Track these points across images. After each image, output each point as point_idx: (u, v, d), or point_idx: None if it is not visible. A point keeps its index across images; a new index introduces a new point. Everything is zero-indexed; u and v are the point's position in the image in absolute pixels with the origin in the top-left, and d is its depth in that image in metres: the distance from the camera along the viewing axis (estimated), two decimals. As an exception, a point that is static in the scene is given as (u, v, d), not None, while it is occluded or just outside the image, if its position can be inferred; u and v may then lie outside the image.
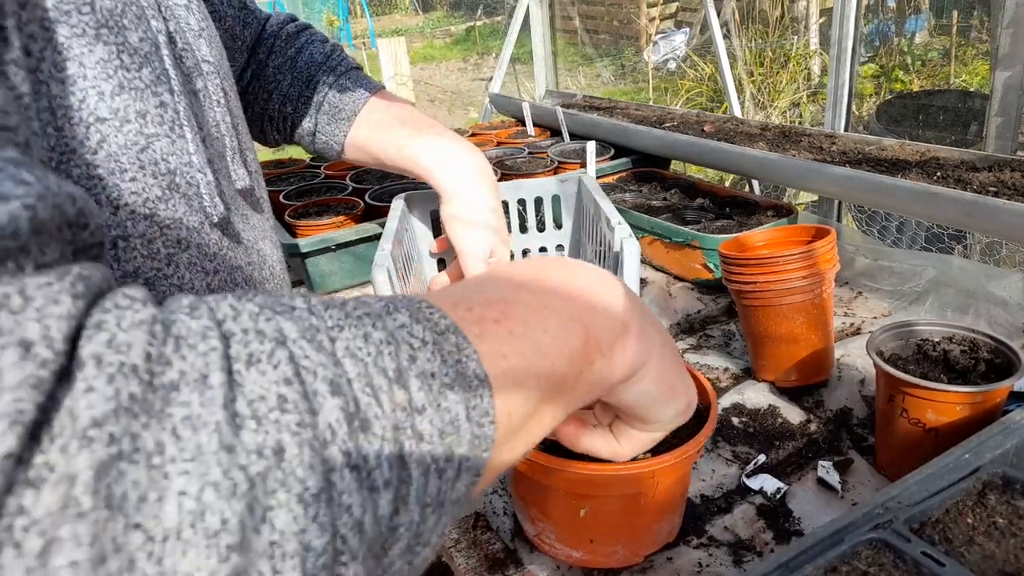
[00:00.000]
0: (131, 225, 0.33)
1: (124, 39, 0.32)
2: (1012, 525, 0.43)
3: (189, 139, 0.36)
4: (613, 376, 0.33)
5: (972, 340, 0.64)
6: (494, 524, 0.63)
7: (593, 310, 0.32)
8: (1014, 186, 0.91)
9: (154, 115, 0.34)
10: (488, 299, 0.29)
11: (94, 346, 0.17)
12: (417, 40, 8.93)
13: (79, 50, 0.30)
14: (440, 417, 0.23)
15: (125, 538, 0.16)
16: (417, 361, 0.24)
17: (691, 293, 1.02)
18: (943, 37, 3.83)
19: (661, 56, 5.24)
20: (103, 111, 0.31)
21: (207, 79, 0.41)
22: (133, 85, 0.32)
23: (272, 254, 0.47)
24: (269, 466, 0.19)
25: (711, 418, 0.51)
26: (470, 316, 0.27)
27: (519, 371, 0.27)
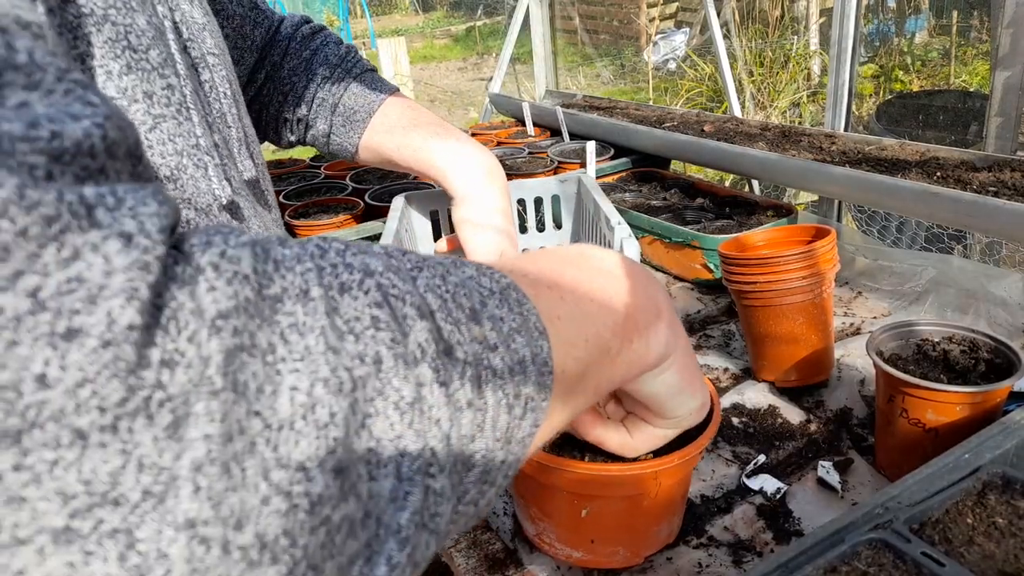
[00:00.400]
0: None
1: (132, 20, 0.33)
2: (1012, 525, 0.43)
3: (196, 122, 0.36)
4: (647, 358, 0.34)
5: (972, 340, 0.64)
6: (494, 524, 0.63)
7: (632, 291, 0.34)
8: (1014, 186, 0.91)
9: (161, 96, 0.34)
10: (539, 268, 0.31)
11: (210, 256, 0.19)
12: (417, 40, 8.93)
13: (87, 29, 0.30)
14: (510, 356, 0.25)
15: (248, 422, 0.17)
16: (487, 305, 0.25)
17: (691, 293, 1.02)
18: (943, 37, 3.84)
19: (661, 56, 5.24)
20: (111, 90, 0.31)
21: (213, 71, 0.42)
22: (140, 66, 0.33)
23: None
24: (369, 372, 0.20)
25: (714, 419, 0.51)
26: (525, 280, 0.29)
27: (570, 333, 0.29)
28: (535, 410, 0.26)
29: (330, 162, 1.44)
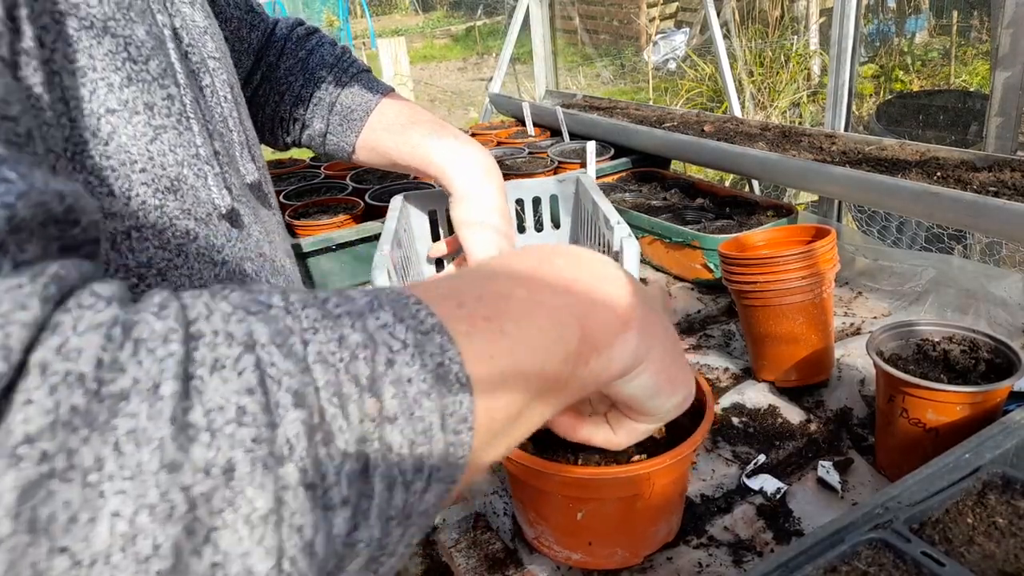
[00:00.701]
0: (143, 215, 0.33)
1: (131, 32, 0.32)
2: (1012, 525, 0.43)
3: (196, 131, 0.36)
4: (610, 373, 0.33)
5: (972, 340, 0.64)
6: (494, 524, 0.63)
7: (593, 305, 0.32)
8: (1014, 186, 0.91)
9: (161, 107, 0.34)
10: (481, 294, 0.28)
11: (43, 352, 0.17)
12: (417, 40, 8.93)
13: (88, 42, 0.30)
14: (412, 427, 0.23)
15: (48, 563, 0.16)
16: (395, 365, 0.23)
17: (691, 293, 1.02)
18: (943, 37, 3.84)
19: (661, 56, 5.24)
20: (113, 102, 0.31)
21: (214, 75, 0.41)
22: (140, 77, 0.33)
23: (280, 247, 0.48)
24: (216, 485, 0.18)
25: (707, 418, 0.51)
26: (460, 313, 0.26)
27: (507, 372, 0.27)
28: (442, 480, 0.24)
29: (330, 162, 1.44)
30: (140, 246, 0.33)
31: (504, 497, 0.66)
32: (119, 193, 0.32)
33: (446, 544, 0.62)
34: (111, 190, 0.31)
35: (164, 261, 0.34)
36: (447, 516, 0.65)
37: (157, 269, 0.34)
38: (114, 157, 0.31)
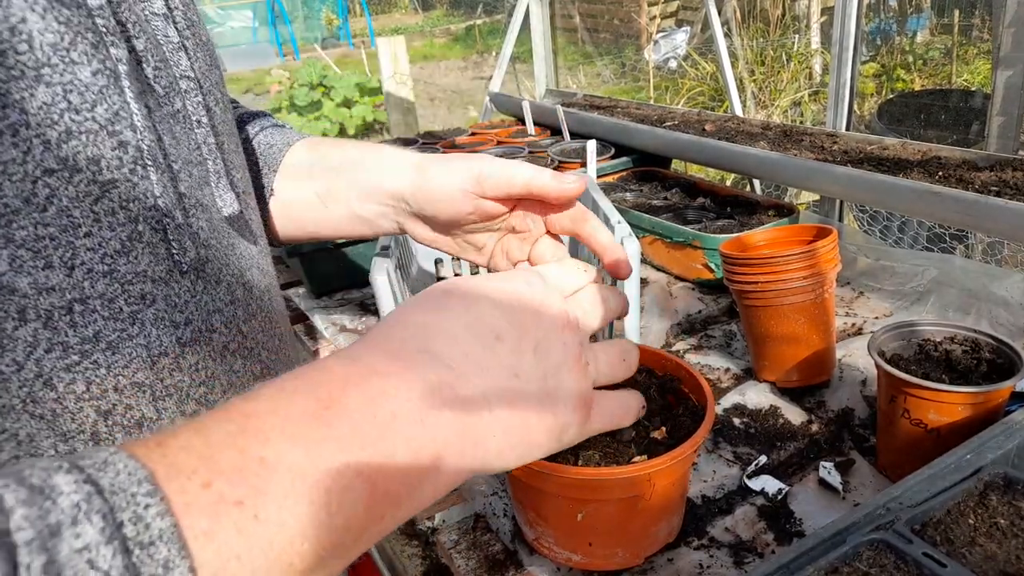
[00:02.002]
0: (88, 285, 0.30)
1: (73, 76, 0.29)
2: (1014, 526, 0.43)
3: (154, 180, 0.32)
4: (422, 506, 0.29)
5: (974, 340, 0.64)
6: (494, 525, 0.63)
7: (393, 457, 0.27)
8: (1016, 185, 0.91)
9: (111, 158, 0.30)
10: (241, 464, 0.23)
11: None
12: (417, 39, 8.93)
13: (18, 95, 0.27)
14: None
15: None
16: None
17: (692, 293, 1.02)
18: (945, 36, 3.83)
19: (662, 55, 5.24)
20: (50, 162, 0.28)
21: (186, 97, 0.37)
22: (84, 128, 0.29)
23: (260, 283, 0.43)
24: None
25: (707, 419, 0.51)
26: (205, 499, 0.22)
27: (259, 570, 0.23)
28: None
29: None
30: (85, 320, 0.30)
31: (504, 498, 0.66)
32: (58, 264, 0.29)
33: (446, 545, 0.62)
34: (48, 262, 0.28)
35: (116, 332, 0.31)
36: (447, 517, 0.65)
37: (107, 343, 0.31)
38: (53, 224, 0.28)
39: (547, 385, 0.34)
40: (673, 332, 0.93)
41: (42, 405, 0.29)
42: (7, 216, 0.27)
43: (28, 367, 0.29)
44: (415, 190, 0.49)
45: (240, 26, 9.73)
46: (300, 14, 9.80)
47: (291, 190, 0.54)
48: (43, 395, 0.29)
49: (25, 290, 0.28)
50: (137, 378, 0.32)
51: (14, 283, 0.27)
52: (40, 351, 0.29)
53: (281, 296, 0.48)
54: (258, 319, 0.42)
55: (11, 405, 0.28)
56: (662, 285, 1.05)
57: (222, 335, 0.37)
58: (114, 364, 0.31)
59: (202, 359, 0.35)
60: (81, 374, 0.30)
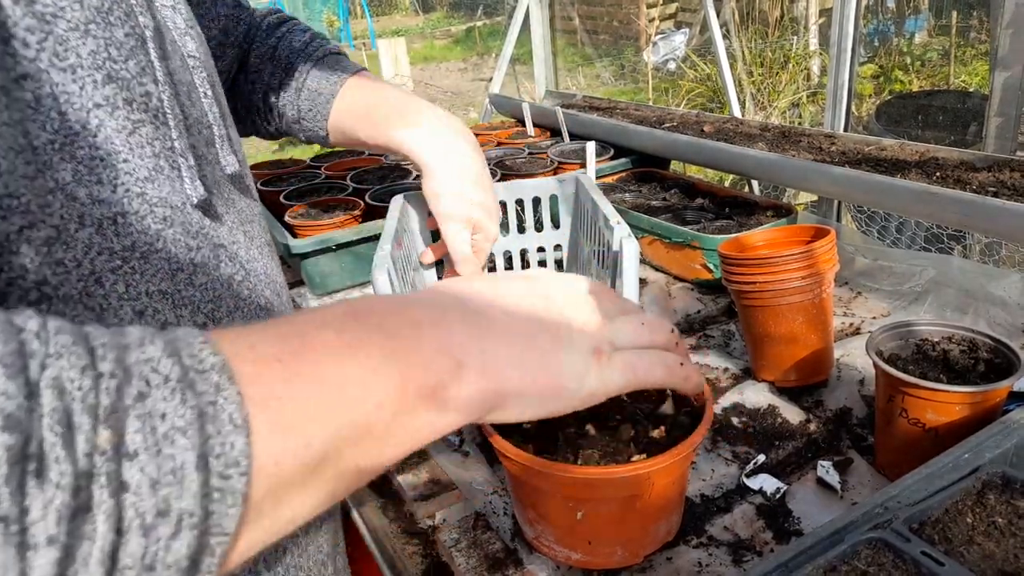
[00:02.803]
0: (127, 202, 0.35)
1: (111, 34, 0.34)
2: (1012, 525, 0.43)
3: (172, 126, 0.38)
4: (448, 419, 0.32)
5: (971, 340, 0.64)
6: (494, 524, 0.63)
7: (418, 350, 0.31)
8: (1013, 186, 0.91)
9: (139, 103, 0.36)
10: (281, 334, 0.27)
11: None
12: (417, 41, 8.93)
13: (75, 42, 0.32)
14: (156, 465, 0.21)
15: None
16: (147, 399, 0.22)
17: (691, 293, 1.02)
18: (942, 37, 3.84)
19: (661, 56, 5.25)
20: (98, 97, 0.33)
21: (194, 73, 0.43)
22: (120, 75, 0.35)
23: (259, 236, 0.49)
24: None
25: (706, 418, 0.51)
26: (249, 354, 0.25)
27: (298, 416, 0.25)
28: (197, 526, 0.22)
29: (331, 163, 1.44)
30: (125, 231, 0.35)
31: (504, 497, 0.66)
32: (106, 181, 0.34)
33: (446, 544, 0.62)
34: (99, 178, 0.33)
35: (145, 245, 0.36)
36: (447, 516, 0.65)
37: (140, 252, 0.36)
38: (102, 147, 0.33)
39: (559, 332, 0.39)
40: (672, 332, 0.93)
41: (93, 299, 0.34)
42: (71, 136, 0.32)
43: (84, 264, 0.33)
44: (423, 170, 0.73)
45: (240, 28, 9.70)
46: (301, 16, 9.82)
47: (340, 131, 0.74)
48: (94, 290, 0.34)
49: (83, 199, 0.33)
50: (162, 287, 0.37)
51: (75, 192, 0.32)
52: (94, 252, 0.33)
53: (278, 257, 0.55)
54: (260, 263, 0.47)
55: (70, 295, 0.33)
56: (661, 285, 1.06)
57: (227, 266, 0.43)
58: (145, 271, 0.36)
59: (211, 281, 0.41)
60: (121, 277, 0.35)
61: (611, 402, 0.57)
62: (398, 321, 0.32)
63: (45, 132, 0.31)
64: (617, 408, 0.57)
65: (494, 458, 0.71)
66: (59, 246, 0.32)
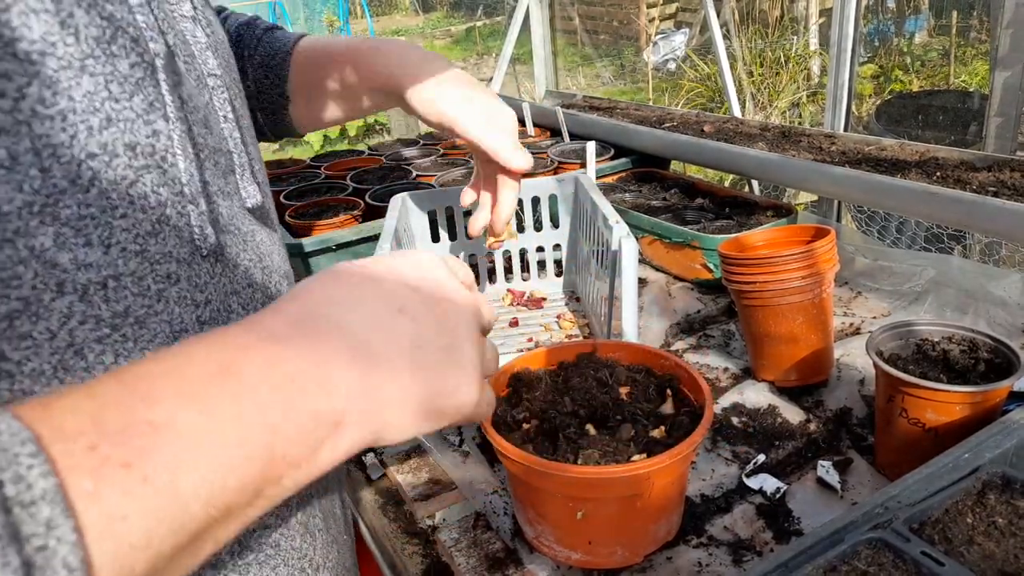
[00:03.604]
0: (122, 263, 0.31)
1: (113, 68, 0.31)
2: (1012, 525, 0.43)
3: (182, 168, 0.34)
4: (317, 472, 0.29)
5: (971, 340, 0.64)
6: (494, 524, 0.63)
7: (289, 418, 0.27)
8: (1013, 186, 0.91)
9: (144, 146, 0.32)
10: (129, 423, 0.23)
11: None
12: (417, 40, 8.93)
13: (67, 83, 0.29)
14: None
15: None
16: None
17: (691, 293, 1.02)
18: (942, 37, 3.84)
19: (661, 56, 5.25)
20: (93, 147, 0.30)
21: (213, 93, 0.40)
22: (122, 116, 0.31)
23: (279, 269, 0.46)
24: None
25: (706, 417, 0.51)
26: (91, 459, 0.22)
27: (147, 531, 0.23)
28: None
29: (331, 162, 1.44)
30: (117, 296, 0.31)
31: (504, 496, 0.66)
32: (96, 242, 0.30)
33: (446, 543, 0.62)
34: (88, 240, 0.30)
35: (143, 308, 0.33)
36: (447, 516, 0.65)
37: (135, 318, 0.32)
38: (94, 204, 0.30)
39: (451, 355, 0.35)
40: (672, 332, 0.93)
41: (72, 373, 0.30)
42: (55, 195, 0.28)
43: (61, 336, 0.30)
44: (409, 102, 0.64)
45: (240, 27, 9.71)
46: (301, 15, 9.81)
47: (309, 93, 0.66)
48: (73, 363, 0.30)
49: (65, 265, 0.29)
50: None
51: (56, 258, 0.29)
52: (74, 322, 0.30)
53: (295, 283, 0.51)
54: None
55: (41, 370, 0.29)
56: (661, 285, 1.06)
57: (239, 315, 0.39)
58: (140, 338, 0.33)
59: None
60: (111, 346, 0.31)
61: (612, 402, 0.57)
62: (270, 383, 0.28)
63: (20, 194, 0.27)
64: (617, 408, 0.57)
65: (494, 458, 0.71)
66: (25, 319, 0.28)
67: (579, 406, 0.57)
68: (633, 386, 0.59)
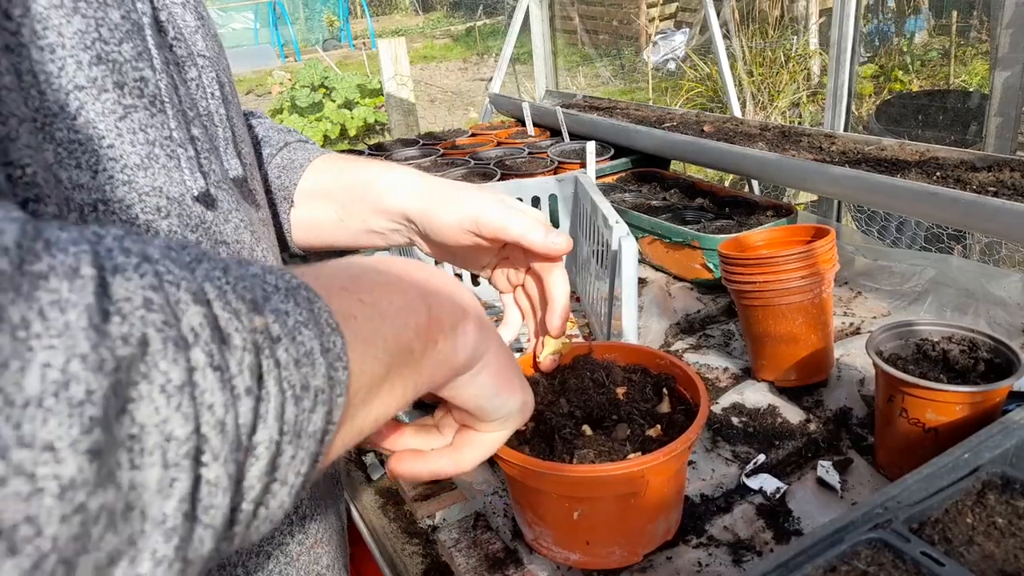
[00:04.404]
0: (109, 190, 0.34)
1: (105, 14, 0.34)
2: (1011, 525, 0.43)
3: (170, 115, 0.37)
4: (455, 360, 0.35)
5: (971, 340, 0.64)
6: (494, 524, 0.63)
7: (436, 294, 0.35)
8: (1013, 186, 0.91)
9: (132, 87, 0.35)
10: (335, 272, 0.32)
11: None
12: (417, 40, 8.93)
13: (57, 20, 0.31)
14: (296, 348, 0.25)
15: None
16: (271, 300, 0.25)
17: (691, 293, 1.02)
18: (942, 37, 3.84)
19: (661, 56, 5.25)
20: (81, 79, 0.32)
21: (201, 71, 0.42)
22: (111, 57, 0.34)
23: (266, 238, 0.48)
24: (134, 355, 0.19)
25: (701, 414, 0.51)
26: (318, 283, 0.28)
27: (368, 332, 0.29)
28: (327, 403, 0.26)
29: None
30: (107, 219, 0.34)
31: (504, 498, 0.66)
32: (86, 166, 0.33)
33: (446, 544, 0.62)
34: (79, 163, 0.33)
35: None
36: (447, 516, 0.65)
37: None
38: (82, 131, 0.33)
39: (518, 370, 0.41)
40: (672, 332, 0.93)
41: None
42: (50, 117, 0.31)
43: None
44: (422, 217, 0.55)
45: (241, 27, 9.73)
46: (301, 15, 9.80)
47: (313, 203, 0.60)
48: None
49: (66, 183, 0.32)
50: None
51: (59, 174, 0.32)
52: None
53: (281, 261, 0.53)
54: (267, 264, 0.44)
55: None
56: (661, 285, 1.06)
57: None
58: None
59: None
60: None
61: (608, 403, 0.57)
62: (422, 272, 0.36)
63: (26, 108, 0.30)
64: (613, 408, 0.57)
65: (494, 458, 0.71)
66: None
67: (575, 407, 0.57)
68: (629, 386, 0.59)
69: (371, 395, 0.30)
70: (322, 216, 0.60)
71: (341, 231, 0.60)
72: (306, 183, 0.60)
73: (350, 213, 0.59)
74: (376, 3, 10.59)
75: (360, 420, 0.30)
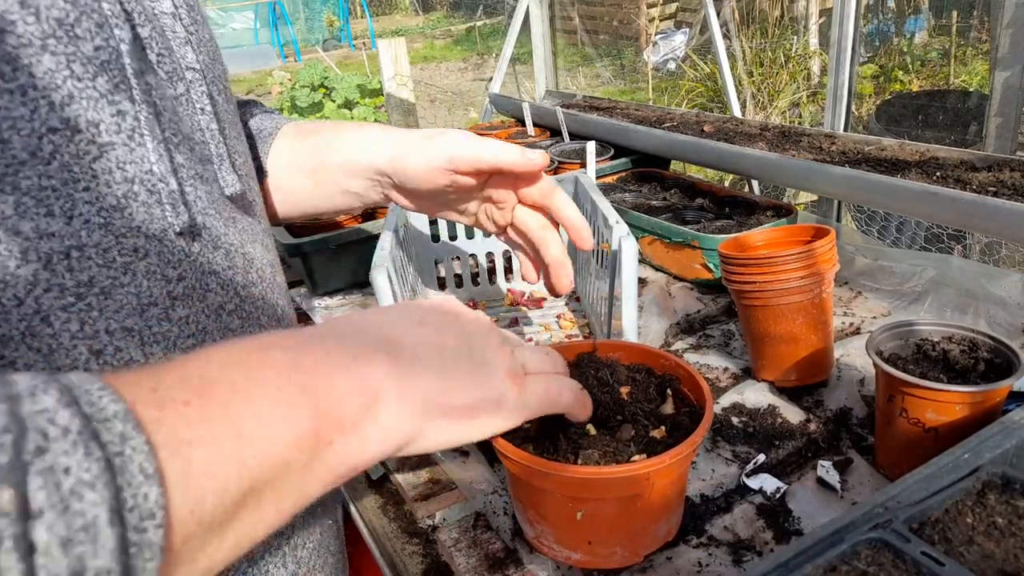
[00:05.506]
0: (85, 235, 0.32)
1: (76, 49, 0.32)
2: (1012, 525, 0.43)
3: (150, 148, 0.35)
4: (367, 451, 0.32)
5: (971, 340, 0.64)
6: (494, 523, 0.63)
7: (332, 385, 0.30)
8: (1013, 186, 0.91)
9: (109, 124, 0.33)
10: (184, 377, 0.27)
11: None
12: (417, 40, 8.94)
13: (27, 60, 0.30)
14: (66, 523, 0.20)
15: None
16: (47, 454, 0.20)
17: (691, 293, 1.02)
18: (943, 37, 3.84)
19: (661, 56, 5.25)
20: (54, 121, 0.31)
21: (190, 85, 0.41)
22: (85, 95, 0.32)
23: (262, 257, 0.46)
24: None
25: (706, 418, 0.51)
26: (152, 397, 0.25)
27: (211, 460, 0.25)
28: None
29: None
30: (81, 265, 0.32)
31: (504, 496, 0.66)
32: (58, 213, 0.31)
33: (446, 543, 0.62)
34: (49, 210, 0.31)
35: (108, 280, 0.33)
36: (447, 515, 0.65)
37: (100, 288, 0.33)
38: (55, 176, 0.31)
39: (473, 357, 0.39)
40: (672, 332, 0.93)
41: (39, 339, 0.32)
42: (15, 166, 0.30)
43: (27, 303, 0.31)
44: (394, 166, 0.55)
45: (241, 27, 9.73)
46: (301, 16, 9.80)
47: (284, 174, 0.59)
48: (40, 330, 0.32)
49: (28, 233, 0.30)
50: (127, 323, 0.35)
51: (18, 226, 0.30)
52: (39, 290, 0.31)
53: (283, 274, 0.52)
54: (258, 288, 0.44)
55: (11, 336, 0.31)
56: (661, 285, 1.06)
57: (217, 295, 0.40)
58: (105, 308, 0.34)
59: (193, 313, 0.38)
60: (75, 315, 0.33)
61: (612, 402, 0.57)
62: (312, 357, 0.31)
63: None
64: (618, 408, 0.57)
65: (494, 458, 0.71)
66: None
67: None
68: (633, 386, 0.59)
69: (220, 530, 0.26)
70: (295, 184, 0.59)
71: (318, 198, 0.60)
72: (276, 152, 0.59)
73: (323, 180, 0.58)
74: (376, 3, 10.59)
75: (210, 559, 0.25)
